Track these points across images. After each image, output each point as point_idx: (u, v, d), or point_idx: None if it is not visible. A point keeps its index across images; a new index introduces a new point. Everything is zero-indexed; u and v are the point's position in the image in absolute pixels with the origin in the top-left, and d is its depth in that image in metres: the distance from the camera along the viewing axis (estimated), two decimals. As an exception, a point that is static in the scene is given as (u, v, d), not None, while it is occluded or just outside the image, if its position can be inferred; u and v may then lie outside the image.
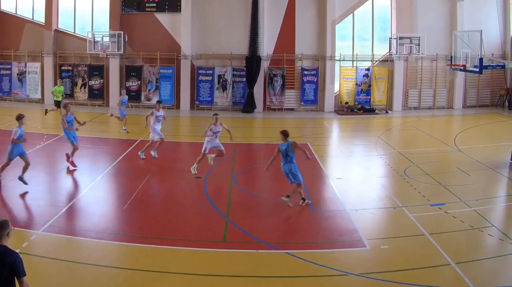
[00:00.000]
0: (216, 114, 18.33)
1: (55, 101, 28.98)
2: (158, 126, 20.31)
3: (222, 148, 18.31)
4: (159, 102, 21.70)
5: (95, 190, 16.39)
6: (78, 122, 19.12)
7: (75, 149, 18.94)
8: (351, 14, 34.76)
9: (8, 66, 35.79)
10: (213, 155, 18.53)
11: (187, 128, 27.45)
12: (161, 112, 20.47)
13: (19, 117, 16.20)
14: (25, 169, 16.16)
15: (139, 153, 20.51)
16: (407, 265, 11.11)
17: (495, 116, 31.59)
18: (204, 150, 18.15)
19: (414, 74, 34.95)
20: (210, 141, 18.11)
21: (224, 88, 34.21)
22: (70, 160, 18.86)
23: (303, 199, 15.04)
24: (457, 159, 20.84)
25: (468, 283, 10.12)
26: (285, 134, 14.89)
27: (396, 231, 13.34)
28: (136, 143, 22.86)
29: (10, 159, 16.14)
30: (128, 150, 21.80)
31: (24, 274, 7.08)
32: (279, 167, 14.86)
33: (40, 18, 35.43)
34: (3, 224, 7.21)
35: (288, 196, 14.82)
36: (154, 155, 20.32)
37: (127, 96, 27.42)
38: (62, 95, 29.62)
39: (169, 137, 24.93)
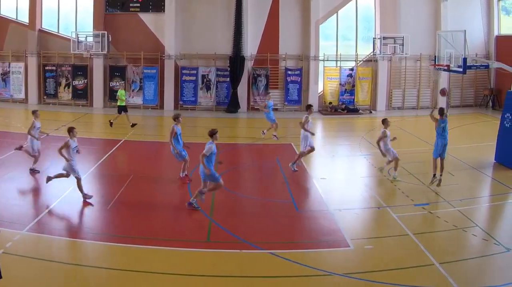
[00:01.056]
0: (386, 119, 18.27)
1: (118, 106, 27.35)
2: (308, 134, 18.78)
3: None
4: (310, 106, 19.60)
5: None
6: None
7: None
8: (335, 14, 34.78)
9: (-8, 66, 35.43)
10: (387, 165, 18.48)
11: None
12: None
13: (213, 133, 14.32)
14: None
15: (289, 165, 18.93)
16: (391, 265, 11.14)
17: (479, 116, 31.77)
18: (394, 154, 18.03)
19: (398, 74, 35.04)
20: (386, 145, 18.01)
21: (208, 88, 34.10)
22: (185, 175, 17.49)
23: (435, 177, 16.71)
24: (441, 159, 20.90)
25: (452, 283, 10.16)
26: (442, 112, 16.88)
27: (380, 231, 13.38)
28: (119, 143, 22.72)
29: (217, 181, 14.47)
30: (112, 150, 21.64)
31: None
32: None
33: (24, 18, 35.06)
34: None
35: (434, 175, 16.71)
36: (293, 168, 18.79)
37: (272, 100, 26.12)
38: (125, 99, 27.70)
39: (152, 137, 24.91)
